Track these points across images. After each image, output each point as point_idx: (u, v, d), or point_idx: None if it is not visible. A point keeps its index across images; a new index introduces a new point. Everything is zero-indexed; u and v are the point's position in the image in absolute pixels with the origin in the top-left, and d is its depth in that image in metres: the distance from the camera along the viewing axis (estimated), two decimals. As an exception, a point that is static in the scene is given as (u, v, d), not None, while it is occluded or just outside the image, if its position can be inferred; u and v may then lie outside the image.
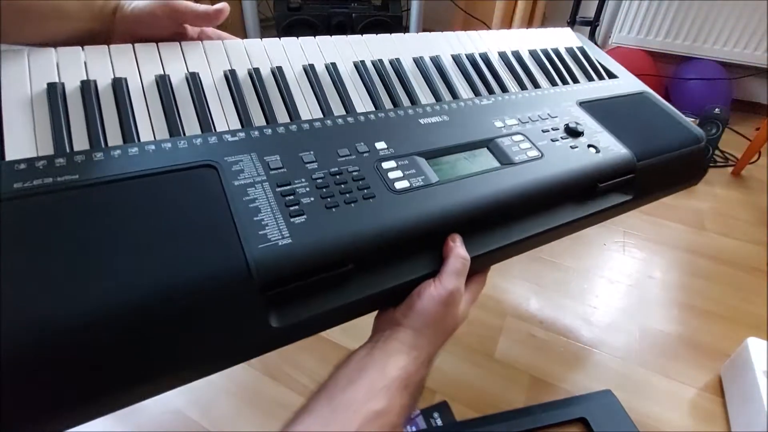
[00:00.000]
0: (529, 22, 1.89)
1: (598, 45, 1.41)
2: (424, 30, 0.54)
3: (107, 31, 0.36)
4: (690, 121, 0.52)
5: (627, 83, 0.55)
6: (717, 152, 1.37)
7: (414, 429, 0.58)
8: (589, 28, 1.39)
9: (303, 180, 0.30)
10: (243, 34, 1.88)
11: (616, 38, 1.77)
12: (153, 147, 0.29)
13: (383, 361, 0.29)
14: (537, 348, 0.71)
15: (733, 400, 0.63)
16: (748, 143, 1.30)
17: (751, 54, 1.60)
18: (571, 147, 0.42)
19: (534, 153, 0.39)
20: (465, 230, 0.34)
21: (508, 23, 1.93)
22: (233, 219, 0.27)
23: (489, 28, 1.95)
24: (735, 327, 0.77)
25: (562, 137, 0.42)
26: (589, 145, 0.42)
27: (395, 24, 1.66)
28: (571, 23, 1.44)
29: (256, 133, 0.33)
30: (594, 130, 0.44)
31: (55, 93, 0.29)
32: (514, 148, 0.39)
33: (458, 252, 0.33)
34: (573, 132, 0.43)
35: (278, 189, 0.29)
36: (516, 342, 0.72)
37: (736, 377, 0.64)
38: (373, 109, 0.39)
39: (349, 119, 0.37)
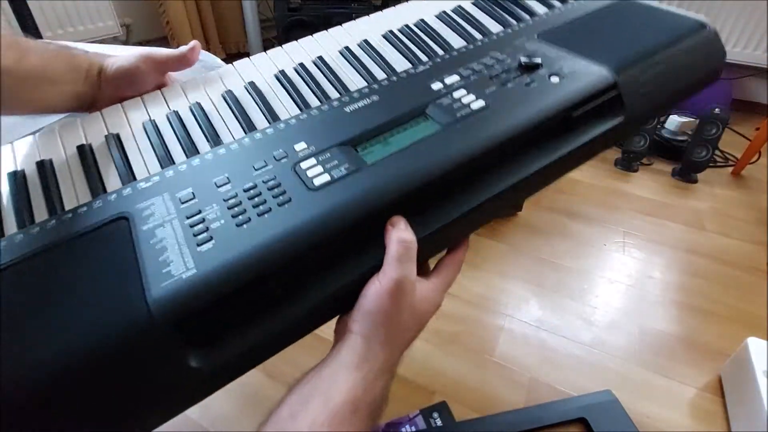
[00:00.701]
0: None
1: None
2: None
3: (93, 93, 0.37)
4: (687, 13, 0.45)
5: None
6: (717, 152, 1.37)
7: (414, 429, 0.58)
8: (589, 28, 1.39)
9: (213, 205, 0.28)
10: (243, 34, 1.88)
11: (616, 38, 1.77)
12: (70, 215, 0.29)
13: (328, 384, 0.26)
14: (537, 348, 0.71)
15: (733, 400, 0.63)
16: (748, 143, 1.30)
17: (751, 54, 1.60)
18: (527, 84, 0.37)
19: (478, 104, 0.35)
20: (410, 210, 0.30)
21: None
22: (138, 265, 0.25)
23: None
24: (735, 327, 0.77)
25: (515, 77, 0.38)
26: (550, 75, 0.38)
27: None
28: (571, 23, 1.44)
29: (171, 172, 0.31)
30: (556, 58, 0.39)
31: None
32: (456, 105, 0.35)
33: (398, 236, 0.28)
34: (528, 67, 0.38)
35: (187, 221, 0.27)
36: (516, 342, 0.72)
37: (736, 377, 0.64)
38: (298, 112, 0.37)
39: (270, 130, 0.35)
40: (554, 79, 0.37)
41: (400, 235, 0.28)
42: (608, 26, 0.44)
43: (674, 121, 1.34)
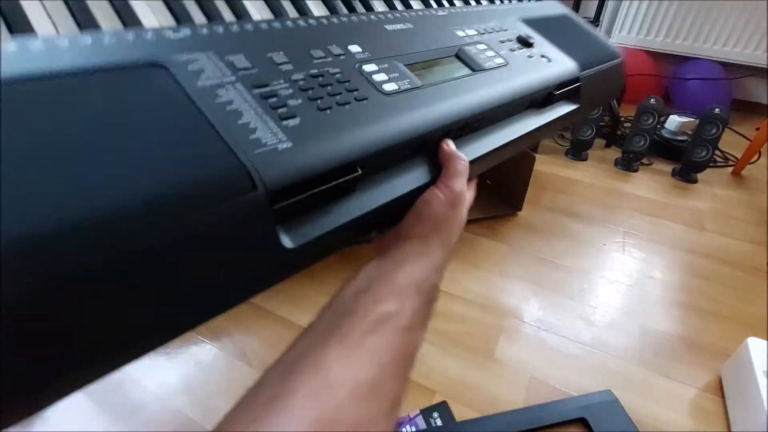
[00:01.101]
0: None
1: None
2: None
3: None
4: (607, 40, 0.60)
5: (553, 5, 0.59)
6: (717, 152, 1.37)
7: (414, 429, 0.58)
8: (589, 28, 1.39)
9: (282, 81, 0.26)
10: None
11: (616, 38, 1.77)
12: (66, 42, 0.22)
13: (392, 272, 0.28)
14: (537, 348, 0.71)
15: (733, 400, 0.63)
16: (748, 143, 1.30)
17: (751, 54, 1.60)
18: (528, 57, 0.44)
19: (500, 60, 0.40)
20: (451, 137, 0.34)
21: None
22: (211, 123, 0.21)
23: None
24: (735, 327, 0.77)
25: (518, 48, 0.44)
26: (541, 56, 0.45)
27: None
28: (571, 23, 1.44)
29: (205, 30, 0.27)
30: (541, 43, 0.47)
31: None
32: (481, 55, 0.40)
33: (459, 154, 0.33)
34: (526, 43, 0.45)
35: (256, 90, 0.25)
36: (516, 342, 0.72)
37: (736, 377, 0.64)
38: (328, 13, 0.36)
39: (307, 22, 0.33)
40: (545, 60, 0.44)
41: (460, 154, 0.33)
42: (566, 32, 0.53)
43: (674, 121, 1.34)
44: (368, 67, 0.31)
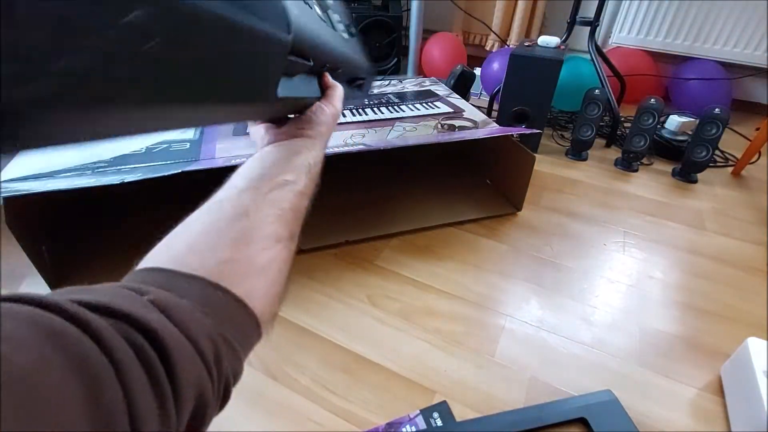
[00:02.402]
0: (529, 22, 1.89)
1: (598, 45, 1.42)
2: (425, 30, 0.55)
3: None
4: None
5: None
6: (717, 152, 1.37)
7: (414, 429, 0.58)
8: (589, 28, 1.39)
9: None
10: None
11: (616, 38, 1.77)
12: None
13: (288, 156, 0.37)
14: (537, 348, 0.71)
15: (733, 400, 0.63)
16: (748, 143, 1.30)
17: (751, 54, 1.60)
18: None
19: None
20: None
21: (508, 23, 1.93)
22: None
23: (489, 28, 1.95)
24: (735, 327, 0.77)
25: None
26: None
27: (395, 24, 1.67)
28: (571, 23, 1.44)
29: None
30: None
31: None
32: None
33: (337, 83, 0.45)
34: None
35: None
36: (515, 342, 0.72)
37: (736, 377, 0.64)
38: None
39: None
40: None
41: (338, 83, 0.45)
42: None
43: (674, 121, 1.34)
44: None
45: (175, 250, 0.27)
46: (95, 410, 0.15)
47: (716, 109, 1.16)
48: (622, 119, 1.49)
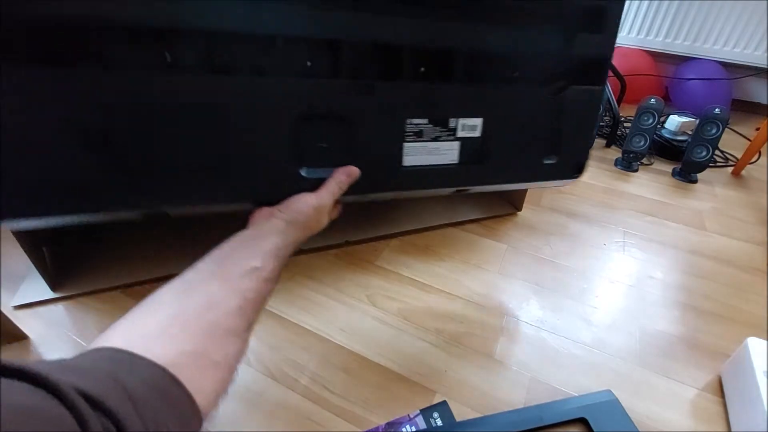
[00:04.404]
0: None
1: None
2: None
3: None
4: None
5: None
6: (717, 152, 1.37)
7: (414, 429, 0.58)
8: (589, 28, 1.39)
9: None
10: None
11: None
12: None
13: (260, 239, 0.39)
14: (537, 348, 0.71)
15: (733, 400, 0.63)
16: (748, 143, 1.30)
17: (751, 54, 1.60)
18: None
19: None
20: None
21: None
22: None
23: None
24: (735, 327, 0.77)
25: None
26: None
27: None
28: (571, 23, 1.44)
29: None
30: None
31: None
32: None
33: (338, 181, 0.48)
34: None
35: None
36: (515, 342, 0.72)
37: (736, 377, 0.64)
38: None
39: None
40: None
41: (339, 181, 0.48)
42: None
43: (674, 121, 1.34)
44: None
45: (141, 331, 0.29)
46: None
47: (716, 109, 1.16)
48: (622, 119, 1.49)
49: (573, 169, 0.63)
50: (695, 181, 1.25)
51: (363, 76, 0.47)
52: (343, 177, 0.48)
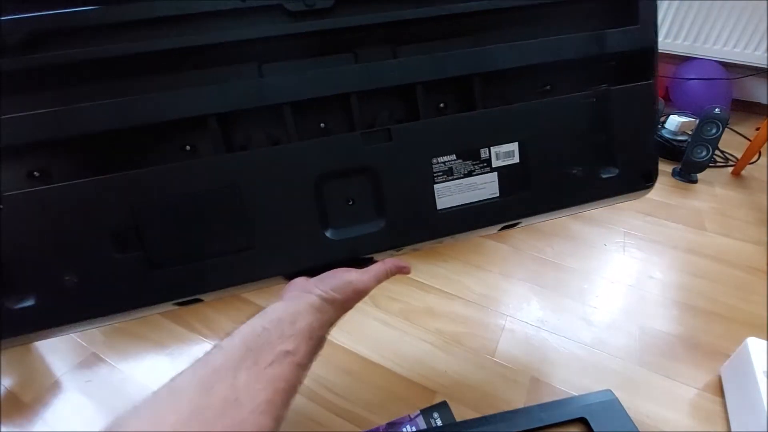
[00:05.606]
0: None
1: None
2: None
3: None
4: None
5: None
6: (717, 152, 1.37)
7: (414, 429, 0.58)
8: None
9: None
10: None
11: (616, 38, 1.77)
12: None
13: (294, 316, 0.35)
14: (537, 348, 0.71)
15: (733, 400, 0.63)
16: (748, 143, 1.30)
17: (751, 54, 1.60)
18: None
19: None
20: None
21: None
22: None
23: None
24: (735, 327, 0.77)
25: None
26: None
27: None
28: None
29: None
30: None
31: None
32: None
33: (389, 268, 0.44)
34: None
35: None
36: (516, 342, 0.72)
37: (736, 377, 0.64)
38: None
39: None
40: None
41: (389, 268, 0.44)
42: None
43: (674, 121, 1.34)
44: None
45: (159, 428, 0.27)
46: None
47: (716, 109, 1.16)
48: (622, 119, 1.49)
49: (640, 178, 0.56)
50: (695, 181, 1.25)
51: (377, 123, 0.45)
52: (394, 268, 0.45)
